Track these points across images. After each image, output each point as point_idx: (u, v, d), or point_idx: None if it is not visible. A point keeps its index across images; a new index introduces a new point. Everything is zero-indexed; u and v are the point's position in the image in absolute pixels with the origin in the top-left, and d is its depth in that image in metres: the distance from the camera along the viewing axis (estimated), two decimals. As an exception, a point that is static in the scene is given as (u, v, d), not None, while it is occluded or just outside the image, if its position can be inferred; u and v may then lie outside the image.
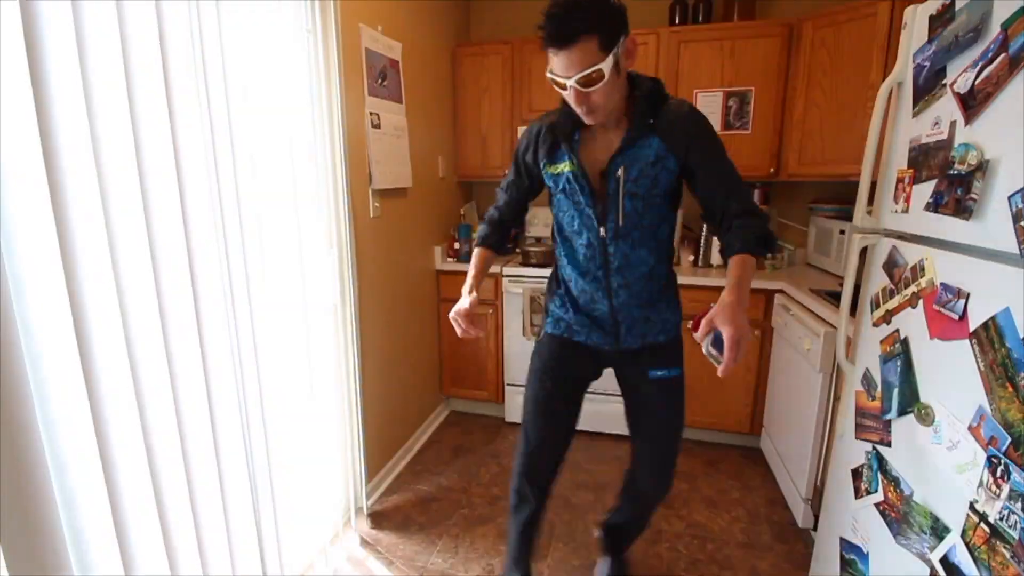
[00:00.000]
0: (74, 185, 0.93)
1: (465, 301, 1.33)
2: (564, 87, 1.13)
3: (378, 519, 2.08)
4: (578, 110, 1.18)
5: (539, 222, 3.10)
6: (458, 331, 1.31)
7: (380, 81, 2.08)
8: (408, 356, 2.50)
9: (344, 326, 1.92)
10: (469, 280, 1.41)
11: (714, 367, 1.03)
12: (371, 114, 2.01)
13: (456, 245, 2.78)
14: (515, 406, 2.82)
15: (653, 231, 1.32)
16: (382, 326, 2.23)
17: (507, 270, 2.65)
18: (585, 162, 1.27)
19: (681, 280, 2.48)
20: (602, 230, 1.29)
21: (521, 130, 2.72)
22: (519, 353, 2.72)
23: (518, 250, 3.00)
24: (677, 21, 2.65)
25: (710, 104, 2.53)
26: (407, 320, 2.47)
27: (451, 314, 1.32)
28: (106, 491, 1.00)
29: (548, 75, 1.15)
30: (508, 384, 2.79)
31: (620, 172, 1.24)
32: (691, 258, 2.71)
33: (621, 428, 2.65)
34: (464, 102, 2.87)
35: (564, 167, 1.30)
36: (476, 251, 1.48)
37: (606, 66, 1.07)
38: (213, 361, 1.26)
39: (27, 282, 0.86)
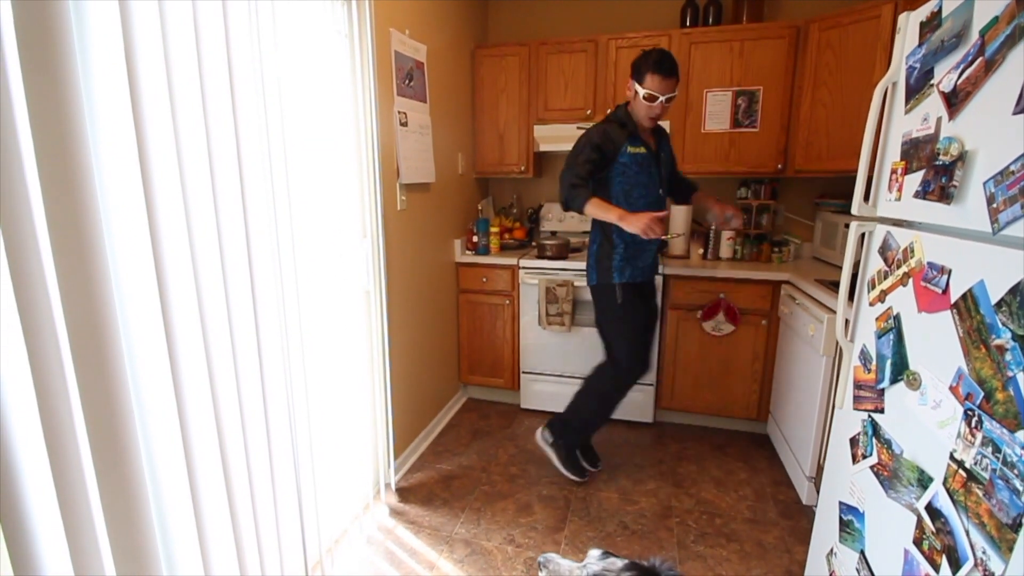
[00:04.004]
0: (161, 187, 1.05)
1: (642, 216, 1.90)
2: (654, 100, 1.94)
3: (404, 494, 2.21)
4: (651, 115, 2.00)
5: (553, 217, 3.22)
6: (651, 225, 1.89)
7: (407, 82, 2.21)
8: (429, 343, 2.63)
9: (374, 311, 2.05)
10: (617, 210, 1.96)
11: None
12: (399, 113, 2.14)
13: (474, 239, 2.91)
14: (530, 393, 2.94)
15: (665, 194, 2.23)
16: (407, 313, 2.36)
17: (523, 262, 2.77)
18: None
19: (691, 272, 2.63)
20: (661, 190, 2.17)
21: (538, 128, 2.88)
22: (534, 343, 2.84)
23: (534, 243, 3.12)
24: (688, 23, 2.76)
25: (720, 103, 2.63)
26: (429, 309, 2.60)
27: (648, 223, 1.86)
28: (186, 470, 1.13)
29: (647, 92, 1.94)
30: (524, 372, 2.91)
31: (662, 155, 2.17)
32: (700, 251, 2.81)
33: (629, 416, 2.77)
34: (482, 101, 3.00)
35: (641, 149, 2.07)
36: (595, 199, 2.00)
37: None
38: (267, 354, 1.38)
39: (125, 282, 0.99)
